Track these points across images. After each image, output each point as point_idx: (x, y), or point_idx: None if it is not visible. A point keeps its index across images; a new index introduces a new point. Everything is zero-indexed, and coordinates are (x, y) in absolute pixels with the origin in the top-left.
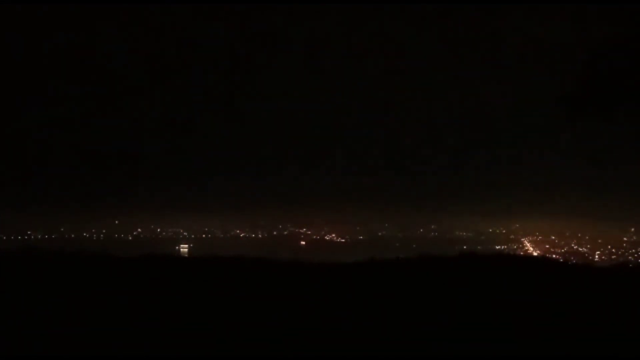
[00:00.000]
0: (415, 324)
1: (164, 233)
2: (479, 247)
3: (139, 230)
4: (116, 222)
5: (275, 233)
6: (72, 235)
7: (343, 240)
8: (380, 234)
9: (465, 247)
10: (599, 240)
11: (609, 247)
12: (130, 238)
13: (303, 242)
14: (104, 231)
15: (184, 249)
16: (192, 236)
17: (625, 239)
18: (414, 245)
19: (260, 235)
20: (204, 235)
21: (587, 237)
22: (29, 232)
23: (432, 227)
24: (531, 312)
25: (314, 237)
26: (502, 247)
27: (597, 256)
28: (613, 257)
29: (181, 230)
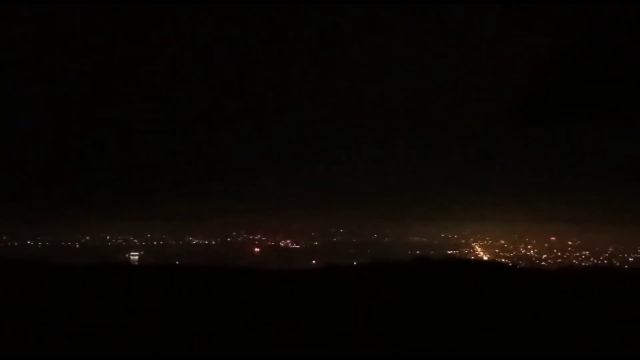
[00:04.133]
0: (370, 327)
1: (113, 240)
2: (431, 252)
3: (87, 238)
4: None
5: (229, 240)
6: (15, 244)
7: (298, 247)
8: (335, 239)
9: (418, 252)
10: (546, 245)
11: (555, 250)
12: (77, 246)
13: (257, 249)
14: (49, 239)
15: (134, 256)
16: (143, 243)
17: (570, 242)
18: (369, 251)
19: (213, 242)
20: (155, 243)
21: (534, 242)
22: None
23: (386, 232)
24: (481, 314)
25: (269, 243)
26: (454, 251)
27: (544, 260)
28: (559, 260)
29: (131, 238)
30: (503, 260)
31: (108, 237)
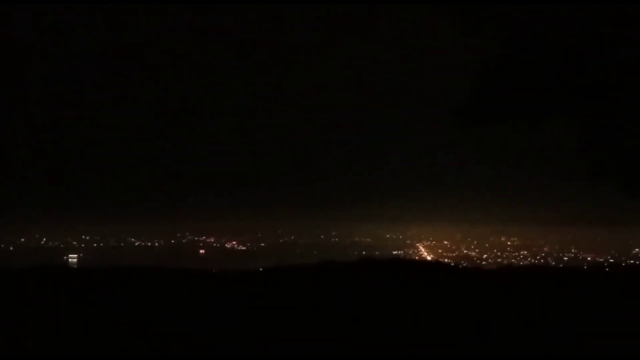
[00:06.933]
0: (319, 327)
1: (50, 242)
2: (377, 253)
3: (22, 240)
4: None
5: (173, 242)
6: None
7: (244, 248)
8: (281, 240)
9: (364, 252)
10: (486, 245)
11: (495, 250)
12: (11, 248)
13: (202, 251)
14: None
15: (72, 259)
16: (82, 245)
17: (508, 243)
18: (315, 252)
19: (157, 244)
20: (95, 244)
21: (475, 242)
22: None
23: (333, 233)
24: (424, 313)
25: (214, 244)
26: (399, 252)
27: (484, 259)
28: (499, 260)
29: (69, 239)
30: (446, 260)
31: (45, 239)
